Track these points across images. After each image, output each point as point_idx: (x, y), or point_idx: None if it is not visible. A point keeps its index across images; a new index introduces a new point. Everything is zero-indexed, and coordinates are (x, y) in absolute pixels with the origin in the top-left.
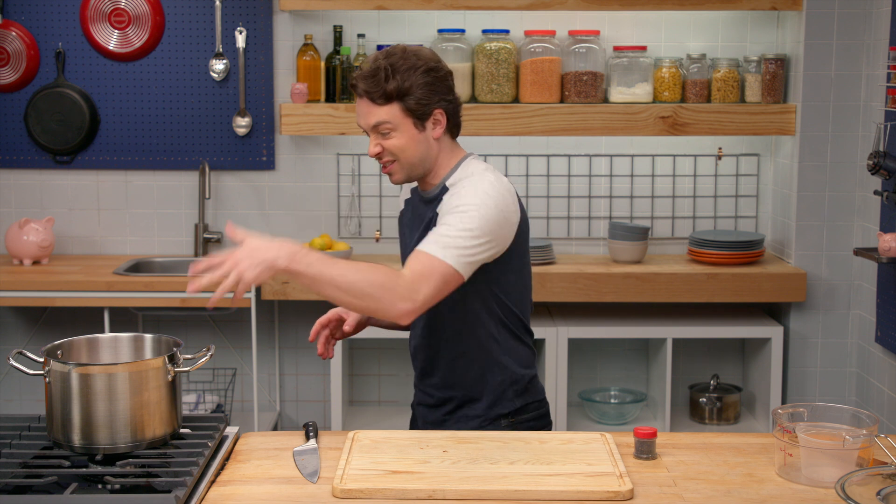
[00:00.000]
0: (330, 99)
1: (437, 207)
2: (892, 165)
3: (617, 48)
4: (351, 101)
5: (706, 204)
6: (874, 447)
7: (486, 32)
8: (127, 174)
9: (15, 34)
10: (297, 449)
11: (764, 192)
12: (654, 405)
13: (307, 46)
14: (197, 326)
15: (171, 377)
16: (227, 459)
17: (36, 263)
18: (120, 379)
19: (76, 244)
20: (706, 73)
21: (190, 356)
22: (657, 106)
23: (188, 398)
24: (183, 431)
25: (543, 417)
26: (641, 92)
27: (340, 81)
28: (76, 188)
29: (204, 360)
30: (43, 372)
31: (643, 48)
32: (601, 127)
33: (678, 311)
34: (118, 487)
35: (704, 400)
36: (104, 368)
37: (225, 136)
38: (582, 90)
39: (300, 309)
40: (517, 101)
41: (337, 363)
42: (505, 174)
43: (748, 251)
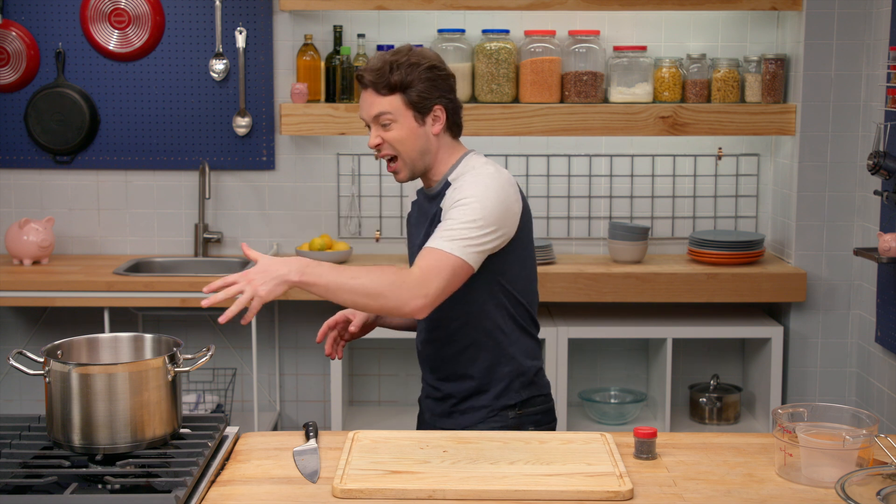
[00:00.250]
0: (330, 99)
1: (440, 203)
2: (892, 165)
3: (617, 48)
4: (351, 101)
5: (706, 204)
6: (874, 447)
7: (486, 32)
8: (127, 174)
9: (15, 34)
10: (297, 449)
11: (764, 192)
12: (654, 405)
13: (307, 46)
14: (197, 326)
15: (171, 377)
16: (227, 459)
17: (36, 263)
18: (120, 379)
19: (76, 244)
20: (706, 73)
21: (190, 356)
22: (657, 106)
23: (188, 398)
24: (183, 431)
25: (549, 412)
26: (641, 92)
27: (340, 81)
28: (76, 188)
29: (204, 360)
30: (43, 372)
31: (643, 48)
32: (601, 127)
33: (678, 311)
34: (118, 487)
35: (704, 400)
36: (104, 368)
37: (225, 136)
38: (582, 90)
39: (300, 309)
40: (517, 101)
41: (337, 363)
42: None
43: (748, 251)
